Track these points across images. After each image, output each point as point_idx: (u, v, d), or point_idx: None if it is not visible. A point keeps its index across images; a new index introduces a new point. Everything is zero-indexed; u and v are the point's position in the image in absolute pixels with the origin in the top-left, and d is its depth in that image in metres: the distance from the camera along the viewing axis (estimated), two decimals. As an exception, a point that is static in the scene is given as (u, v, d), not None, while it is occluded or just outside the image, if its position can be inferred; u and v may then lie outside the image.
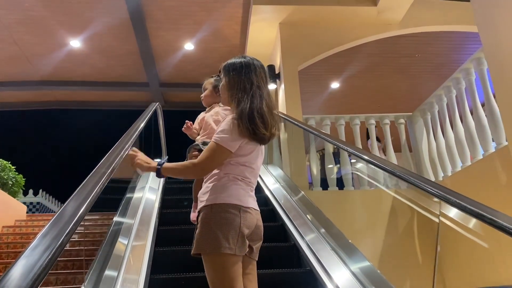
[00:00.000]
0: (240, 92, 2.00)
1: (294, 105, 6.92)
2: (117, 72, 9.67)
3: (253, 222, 1.97)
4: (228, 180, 1.96)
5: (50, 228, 1.29)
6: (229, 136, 1.93)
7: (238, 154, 1.97)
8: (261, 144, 2.04)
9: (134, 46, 8.61)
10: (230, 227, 1.85)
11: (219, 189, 1.94)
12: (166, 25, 8.03)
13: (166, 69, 9.66)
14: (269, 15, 7.25)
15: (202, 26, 8.06)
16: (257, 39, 7.81)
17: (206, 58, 9.09)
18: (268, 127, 1.97)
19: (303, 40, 7.31)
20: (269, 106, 2.02)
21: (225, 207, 1.89)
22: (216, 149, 1.93)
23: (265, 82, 2.09)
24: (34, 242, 1.19)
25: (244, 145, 1.97)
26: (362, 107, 10.81)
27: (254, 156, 2.03)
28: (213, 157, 1.94)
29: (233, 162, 1.98)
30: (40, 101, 10.72)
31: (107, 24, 7.92)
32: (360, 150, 3.79)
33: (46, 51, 8.71)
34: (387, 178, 6.20)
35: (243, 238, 1.89)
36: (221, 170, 1.98)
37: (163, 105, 11.06)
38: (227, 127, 1.95)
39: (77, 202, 1.55)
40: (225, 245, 1.81)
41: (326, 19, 7.27)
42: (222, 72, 2.12)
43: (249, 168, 2.02)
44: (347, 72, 9.50)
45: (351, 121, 6.77)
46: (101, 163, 2.16)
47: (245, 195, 1.97)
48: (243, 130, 1.92)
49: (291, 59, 7.18)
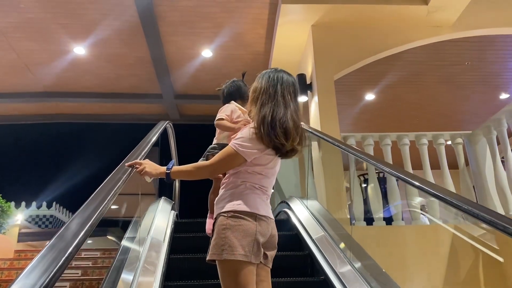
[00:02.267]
0: (265, 97, 2.02)
1: (330, 121, 5.84)
2: (128, 82, 8.71)
3: (268, 231, 1.96)
4: (245, 188, 1.97)
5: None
6: (247, 144, 1.93)
7: (255, 163, 1.97)
8: (279, 155, 2.00)
9: (145, 53, 7.64)
10: (246, 234, 1.85)
11: (236, 197, 1.94)
12: (181, 29, 7.04)
13: (181, 79, 8.65)
14: (300, 16, 6.23)
15: (222, 30, 7.05)
16: (285, 44, 6.78)
17: (226, 67, 8.07)
18: (290, 138, 1.95)
19: (339, 45, 6.26)
20: (294, 120, 2.00)
21: (241, 214, 1.89)
22: (232, 155, 1.94)
23: (292, 97, 2.07)
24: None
25: (262, 156, 1.96)
26: (399, 121, 9.77)
27: (271, 166, 2.03)
28: (227, 162, 1.97)
29: (250, 170, 1.98)
30: (44, 114, 9.82)
31: (114, 28, 6.96)
32: (412, 176, 2.78)
33: (47, 59, 7.79)
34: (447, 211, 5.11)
35: (259, 245, 1.88)
36: (239, 178, 1.99)
37: (177, 119, 10.14)
38: (246, 135, 1.96)
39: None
40: (240, 252, 1.81)
41: (367, 21, 6.21)
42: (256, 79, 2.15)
43: (266, 177, 2.03)
44: (384, 82, 8.41)
45: (398, 140, 5.68)
46: (86, 204, 1.67)
47: (261, 203, 1.98)
48: (264, 137, 1.92)
49: (325, 67, 6.11)
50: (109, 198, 1.78)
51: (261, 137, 1.92)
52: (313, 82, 6.19)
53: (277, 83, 2.04)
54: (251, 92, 2.12)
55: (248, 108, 2.16)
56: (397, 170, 3.01)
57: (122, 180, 2.04)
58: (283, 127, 1.93)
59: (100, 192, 1.81)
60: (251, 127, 1.97)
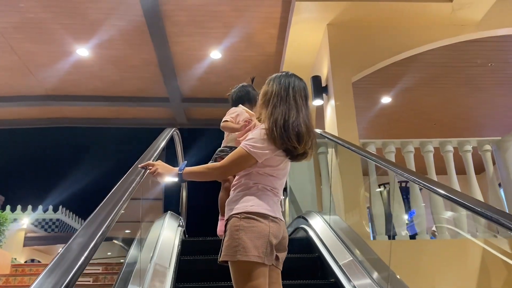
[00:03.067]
0: (277, 100, 2.00)
1: (348, 126, 5.45)
2: (133, 85, 8.36)
3: (280, 233, 1.94)
4: (257, 189, 1.95)
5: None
6: (258, 145, 1.92)
7: (266, 164, 1.96)
8: (290, 158, 1.99)
9: (151, 54, 7.29)
10: (259, 236, 1.83)
11: (248, 198, 1.93)
12: (189, 29, 6.68)
13: (189, 82, 8.29)
14: (315, 15, 5.85)
15: (231, 30, 6.68)
16: (298, 45, 6.40)
17: (236, 69, 7.70)
18: (302, 141, 1.94)
19: (357, 45, 5.87)
20: (307, 124, 1.99)
21: (254, 215, 1.87)
22: (244, 156, 1.93)
23: (304, 101, 2.06)
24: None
25: (273, 157, 1.95)
26: (416, 126, 9.36)
27: (282, 167, 2.02)
28: (238, 163, 1.96)
29: (261, 172, 1.97)
30: (48, 118, 9.49)
31: (118, 28, 6.62)
32: (437, 184, 2.45)
33: (49, 61, 7.47)
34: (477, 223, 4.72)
35: (272, 247, 1.86)
36: (251, 180, 1.98)
37: (184, 123, 9.79)
38: (257, 136, 1.95)
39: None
40: (254, 253, 1.79)
41: (387, 19, 5.83)
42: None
43: (277, 179, 2.01)
44: (401, 84, 8.00)
45: (422, 147, 5.28)
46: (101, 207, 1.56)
47: (273, 205, 1.96)
48: (276, 139, 1.91)
49: (342, 69, 5.73)
50: (124, 199, 1.74)
51: (273, 139, 1.91)
52: (329, 85, 5.81)
53: (289, 87, 2.03)
54: (261, 95, 2.11)
55: (257, 112, 2.16)
56: (424, 179, 2.66)
57: (136, 181, 2.01)
58: (295, 130, 1.92)
59: (114, 193, 1.76)
60: (262, 128, 1.97)
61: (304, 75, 6.92)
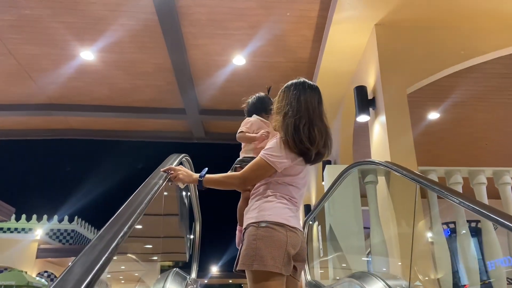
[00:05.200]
0: (288, 107, 1.99)
1: (404, 148, 4.42)
2: (145, 94, 7.42)
3: (298, 243, 1.89)
4: (275, 198, 1.92)
5: None
6: (277, 154, 1.91)
7: (285, 174, 1.94)
8: (307, 161, 1.96)
9: (165, 59, 6.34)
10: (276, 245, 1.79)
11: (266, 207, 1.90)
12: (208, 30, 5.71)
13: (208, 91, 7.31)
14: (361, 13, 4.85)
15: (258, 31, 5.69)
16: (339, 49, 5.40)
17: (262, 77, 6.70)
18: (315, 142, 1.92)
19: (414, 49, 4.85)
20: (318, 125, 1.97)
21: (272, 225, 1.83)
22: (263, 165, 1.91)
23: (316, 104, 2.02)
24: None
25: (292, 166, 1.93)
26: (463, 145, 8.28)
27: (301, 177, 2.00)
28: (258, 172, 1.94)
29: (280, 181, 1.95)
30: (53, 129, 8.61)
31: (127, 28, 5.69)
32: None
33: (51, 66, 6.58)
34: None
35: (289, 257, 1.82)
36: (269, 189, 1.95)
37: (202, 137, 8.81)
38: (275, 145, 1.94)
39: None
40: (271, 263, 1.75)
41: (448, 20, 4.79)
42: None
43: (296, 188, 1.99)
44: (453, 98, 6.91)
45: (496, 178, 4.20)
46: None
47: (292, 215, 1.92)
48: (290, 143, 1.90)
49: (395, 78, 4.69)
50: (147, 200, 1.64)
51: (287, 144, 1.91)
52: (378, 97, 4.77)
53: (300, 93, 2.02)
54: (275, 103, 2.10)
55: (272, 120, 2.13)
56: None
57: (159, 184, 1.88)
58: (307, 133, 1.92)
59: (137, 195, 1.65)
60: (278, 137, 1.96)
61: (343, 84, 5.82)
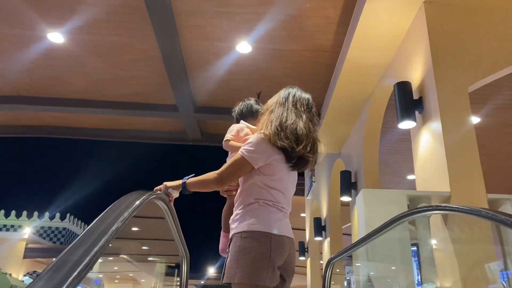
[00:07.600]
0: (276, 107, 1.97)
1: (468, 169, 3.22)
2: (129, 87, 6.21)
3: (285, 251, 1.81)
4: (258, 206, 1.85)
5: None
6: (254, 149, 1.86)
7: (265, 173, 1.87)
8: (288, 160, 1.88)
9: (151, 44, 5.14)
10: (259, 257, 1.73)
11: (249, 216, 1.82)
12: (206, 8, 4.50)
13: (205, 85, 6.10)
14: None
15: (268, 10, 4.48)
16: (373, 34, 4.18)
17: (271, 69, 5.50)
18: (301, 143, 1.86)
19: (479, 35, 3.62)
20: (308, 127, 1.93)
21: (254, 234, 1.77)
22: (238, 161, 1.87)
23: (305, 109, 1.98)
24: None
25: (269, 164, 1.86)
26: (502, 154, 7.13)
27: (284, 179, 1.91)
28: (234, 169, 1.89)
29: (260, 184, 1.87)
30: (22, 126, 7.42)
31: (103, 3, 4.48)
32: None
33: (13, 48, 5.37)
34: None
35: (274, 268, 1.75)
36: (251, 196, 1.88)
37: (198, 138, 7.58)
38: (254, 140, 1.89)
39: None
40: (255, 275, 1.69)
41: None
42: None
43: (279, 193, 1.90)
44: (496, 101, 5.76)
45: None
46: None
47: (277, 222, 1.83)
48: (271, 138, 1.84)
49: (453, 73, 3.48)
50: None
51: (269, 139, 1.85)
52: (427, 98, 3.56)
53: (289, 95, 2.02)
54: (264, 109, 2.06)
55: (259, 125, 2.05)
56: None
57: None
58: (294, 131, 1.87)
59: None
60: (259, 132, 1.91)
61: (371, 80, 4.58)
